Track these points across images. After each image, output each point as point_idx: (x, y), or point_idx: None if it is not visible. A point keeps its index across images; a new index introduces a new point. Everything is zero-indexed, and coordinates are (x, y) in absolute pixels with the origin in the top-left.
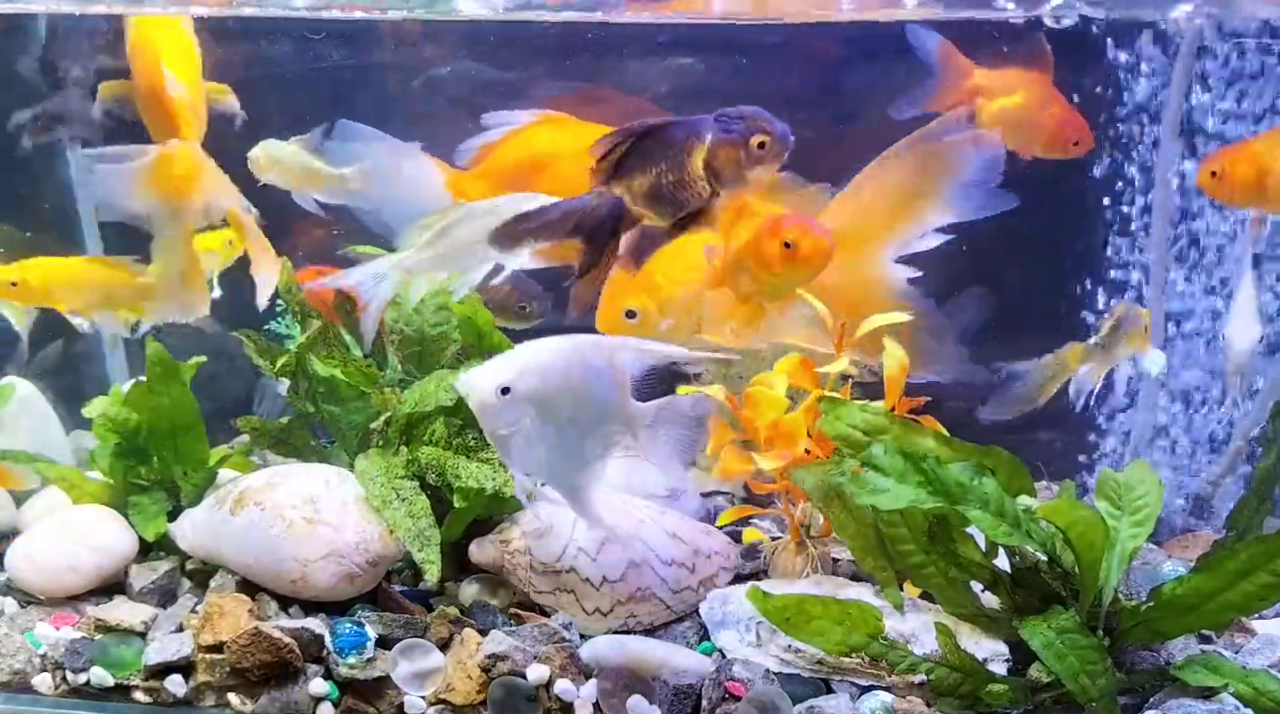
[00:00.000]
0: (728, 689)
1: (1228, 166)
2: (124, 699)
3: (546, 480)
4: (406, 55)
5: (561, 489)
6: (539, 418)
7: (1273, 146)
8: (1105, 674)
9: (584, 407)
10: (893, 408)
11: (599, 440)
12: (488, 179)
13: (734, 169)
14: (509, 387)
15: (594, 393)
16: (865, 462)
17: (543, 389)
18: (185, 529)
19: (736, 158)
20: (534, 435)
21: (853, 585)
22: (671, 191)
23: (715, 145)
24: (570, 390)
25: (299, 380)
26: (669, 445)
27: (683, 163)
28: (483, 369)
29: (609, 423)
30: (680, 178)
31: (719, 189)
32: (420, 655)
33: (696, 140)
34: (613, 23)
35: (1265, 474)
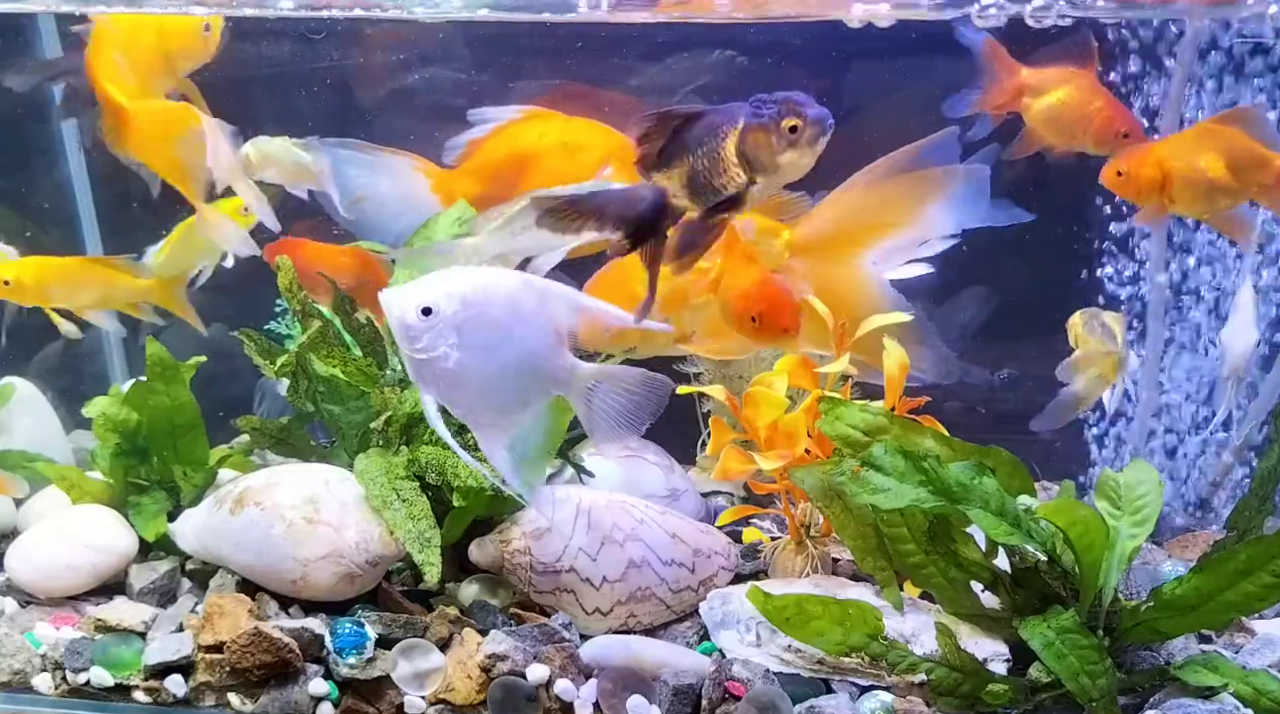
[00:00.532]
0: (728, 689)
1: (1133, 167)
2: (124, 699)
3: (463, 417)
4: (396, 55)
5: (478, 431)
6: (459, 348)
7: (1177, 150)
8: (1105, 674)
9: (510, 347)
10: (893, 408)
11: (524, 388)
12: (475, 176)
13: (767, 154)
14: (430, 307)
15: (522, 335)
16: (865, 461)
17: (466, 317)
18: (185, 529)
19: (769, 143)
20: (452, 366)
21: (853, 585)
22: (707, 179)
23: (746, 130)
24: (496, 326)
25: (299, 380)
26: (609, 415)
27: (717, 150)
28: (407, 286)
29: (538, 371)
30: (715, 165)
31: (754, 177)
32: (420, 655)
33: (730, 126)
34: (610, 23)
35: (1265, 474)
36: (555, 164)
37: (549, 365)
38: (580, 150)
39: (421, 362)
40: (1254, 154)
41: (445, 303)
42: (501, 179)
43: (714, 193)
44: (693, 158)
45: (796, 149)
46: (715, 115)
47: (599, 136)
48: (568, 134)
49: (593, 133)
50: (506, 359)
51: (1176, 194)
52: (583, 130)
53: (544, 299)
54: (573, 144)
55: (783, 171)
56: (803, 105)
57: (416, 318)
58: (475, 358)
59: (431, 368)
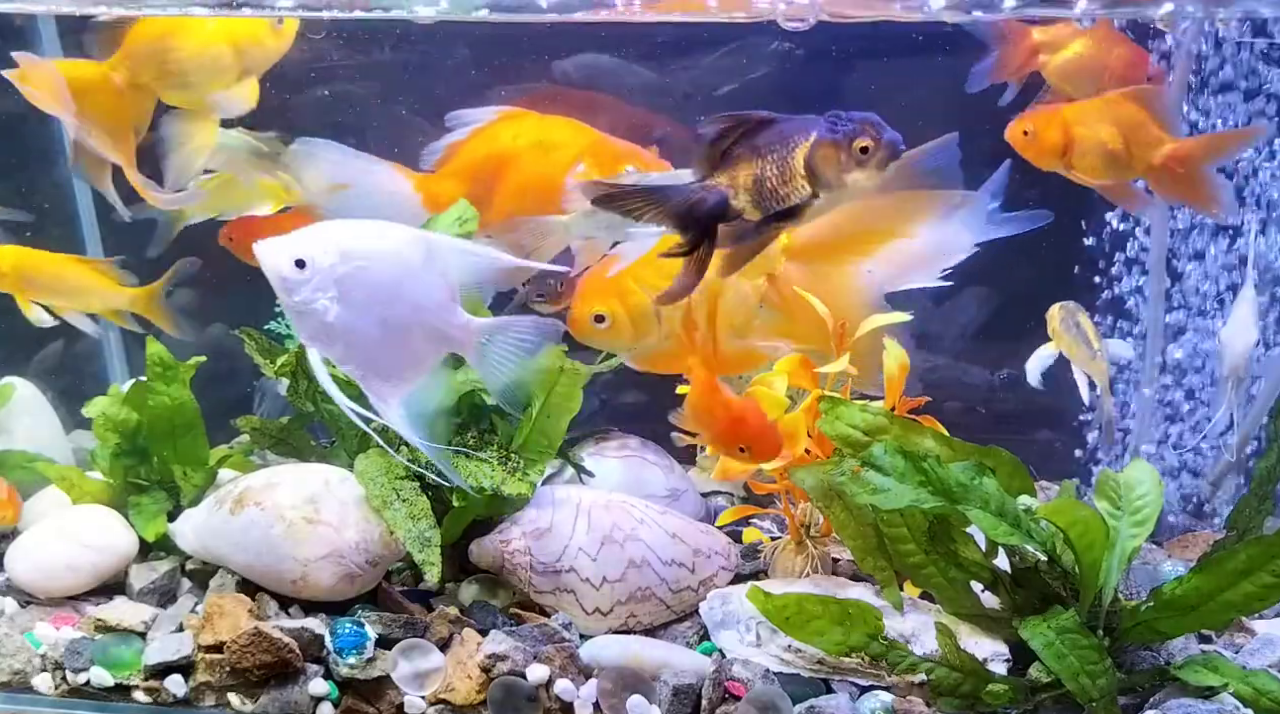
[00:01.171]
0: (728, 689)
1: (1039, 128)
2: (124, 699)
3: (351, 373)
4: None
5: (368, 387)
6: (339, 301)
7: (1082, 116)
8: (1105, 674)
9: (396, 303)
10: (893, 408)
11: (414, 344)
12: (456, 178)
13: (833, 170)
14: (304, 260)
15: (409, 290)
16: (865, 461)
17: (344, 270)
18: (185, 529)
19: (837, 159)
20: (333, 319)
21: (853, 585)
22: (772, 187)
23: (818, 144)
24: (377, 280)
25: (299, 380)
26: (506, 368)
27: (786, 159)
28: (284, 237)
29: (428, 327)
30: (782, 174)
31: (818, 190)
32: (420, 655)
33: (802, 137)
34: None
35: (1265, 474)
36: (531, 163)
37: (439, 321)
38: (554, 149)
39: (299, 314)
40: (1149, 133)
41: (321, 255)
42: (481, 180)
43: (775, 201)
44: (760, 163)
45: (864, 170)
46: (788, 125)
47: (573, 134)
48: (542, 133)
49: (566, 131)
50: (393, 314)
51: (1075, 160)
52: (557, 129)
53: (432, 253)
54: (547, 143)
55: (847, 189)
56: (878, 128)
57: (291, 269)
58: (357, 312)
59: (310, 321)
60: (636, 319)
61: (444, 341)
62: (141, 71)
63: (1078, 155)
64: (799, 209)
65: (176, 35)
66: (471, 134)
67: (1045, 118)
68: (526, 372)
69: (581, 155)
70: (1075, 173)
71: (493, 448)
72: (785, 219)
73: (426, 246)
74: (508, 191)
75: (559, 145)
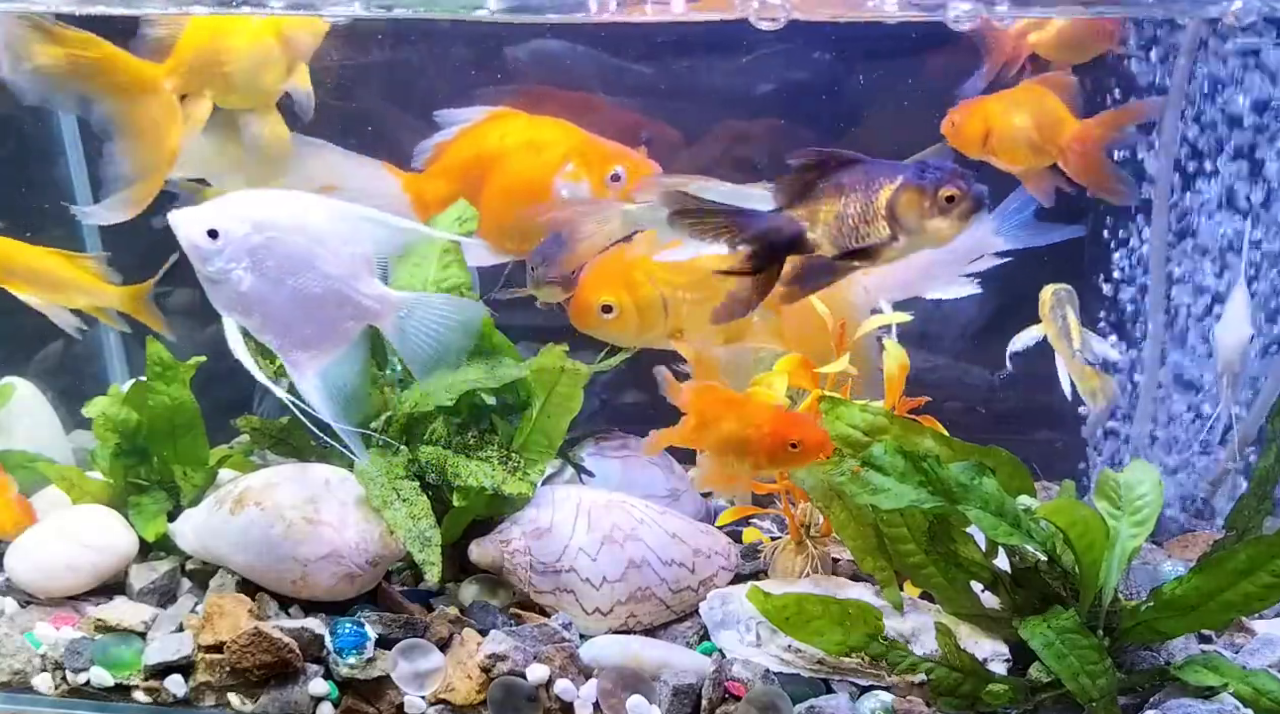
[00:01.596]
0: (728, 689)
1: (962, 120)
2: (124, 699)
3: (269, 343)
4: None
5: (286, 358)
6: (253, 272)
7: (999, 107)
8: (1105, 674)
9: (311, 274)
10: (893, 408)
11: (331, 316)
12: (444, 178)
13: (915, 216)
14: (217, 230)
15: (325, 261)
16: (865, 461)
17: (257, 241)
18: (185, 529)
19: (920, 206)
20: (247, 289)
21: (853, 585)
22: (852, 225)
23: (903, 188)
24: (290, 251)
25: None
26: (424, 342)
27: (869, 199)
28: (198, 207)
29: (345, 299)
30: (863, 213)
31: (897, 233)
32: (420, 655)
33: (888, 180)
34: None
35: (1265, 474)
36: (519, 163)
37: (355, 294)
38: (543, 149)
39: (214, 283)
40: (1057, 117)
41: (233, 226)
42: (469, 180)
43: (853, 239)
44: (843, 200)
45: (946, 219)
46: (875, 166)
47: (561, 135)
48: (531, 133)
49: (555, 131)
50: (308, 286)
51: (996, 147)
52: (545, 129)
53: (348, 225)
54: (536, 143)
55: (926, 237)
56: (965, 179)
57: (204, 239)
58: (271, 282)
59: (225, 290)
60: (644, 311)
61: (360, 313)
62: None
63: (996, 142)
64: (875, 250)
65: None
66: (460, 133)
67: (968, 110)
68: (445, 350)
69: (570, 155)
70: (998, 160)
71: (493, 447)
72: (859, 258)
73: (341, 217)
74: (496, 191)
75: (547, 145)
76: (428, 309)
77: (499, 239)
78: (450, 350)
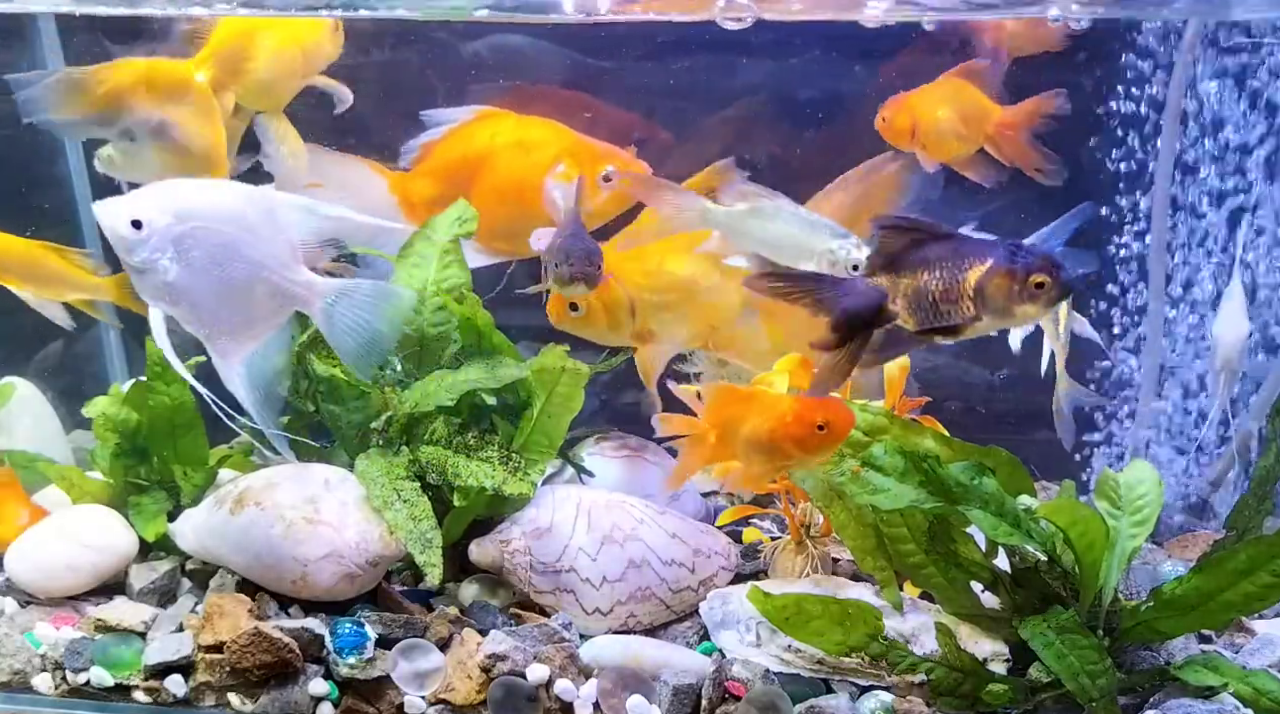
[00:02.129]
0: (728, 689)
1: (891, 115)
2: (124, 699)
3: (196, 332)
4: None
5: (212, 347)
6: (178, 261)
7: (924, 101)
8: (1105, 674)
9: (237, 262)
10: (893, 408)
11: (257, 304)
12: (431, 178)
13: (1003, 299)
14: (140, 220)
15: (250, 250)
16: (865, 461)
17: (180, 230)
18: (185, 529)
19: (1009, 289)
20: (173, 279)
21: (853, 585)
22: (934, 301)
23: (993, 270)
24: (215, 240)
25: (299, 380)
26: (352, 330)
27: (957, 277)
28: (122, 197)
29: (271, 287)
30: (949, 291)
31: (982, 314)
32: (420, 655)
33: (978, 260)
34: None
35: (1265, 474)
36: (508, 163)
37: (282, 281)
38: (533, 149)
39: (140, 273)
40: (980, 105)
41: (156, 216)
42: (457, 180)
43: (935, 315)
44: (928, 275)
45: (1035, 304)
46: (966, 244)
47: (551, 135)
48: (520, 133)
49: (545, 132)
50: (234, 274)
51: (924, 139)
52: (535, 129)
53: (274, 213)
54: (526, 143)
55: (1013, 320)
56: (1057, 266)
57: (128, 230)
58: (197, 272)
59: (151, 280)
60: (610, 311)
61: (288, 300)
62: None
63: (924, 134)
64: (958, 328)
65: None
66: (449, 133)
67: (896, 106)
68: (373, 337)
69: (561, 156)
70: (927, 151)
71: (493, 447)
72: (944, 335)
73: (266, 205)
74: (485, 191)
75: (538, 145)
76: (355, 296)
77: (489, 239)
78: (378, 338)
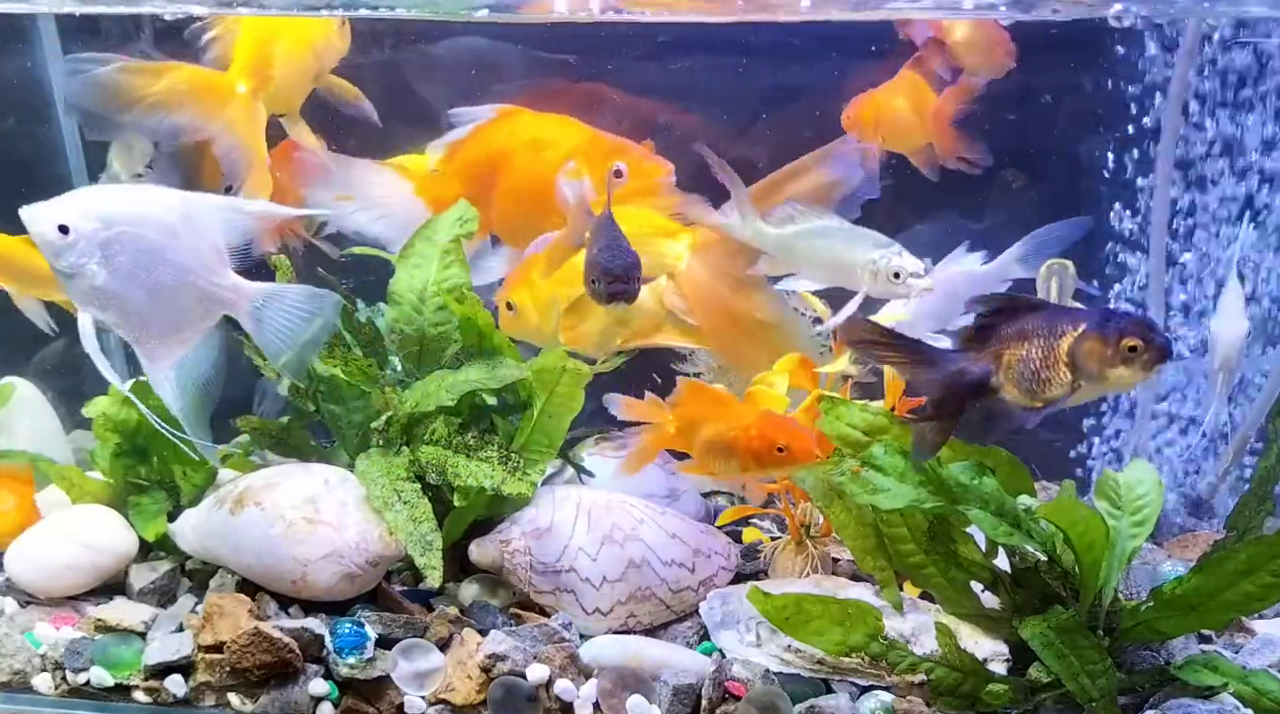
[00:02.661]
0: (728, 689)
1: (855, 110)
2: (124, 699)
3: (126, 335)
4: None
5: (141, 351)
6: (104, 266)
7: (884, 96)
8: (1105, 674)
9: (163, 267)
10: (893, 408)
11: (185, 308)
12: (457, 177)
13: (1095, 363)
14: (66, 226)
15: (176, 254)
16: (865, 461)
17: (106, 236)
18: (185, 529)
19: (1101, 354)
20: (101, 283)
21: (853, 585)
22: (1034, 370)
23: (1085, 336)
24: (146, 245)
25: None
26: (280, 333)
27: (1051, 346)
28: (49, 202)
29: (199, 291)
30: (1045, 359)
31: (1079, 380)
32: (420, 655)
33: (1070, 327)
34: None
35: (1265, 474)
36: (524, 162)
37: (209, 285)
38: (547, 147)
39: (68, 278)
40: (925, 98)
41: (83, 221)
42: (480, 179)
43: (1036, 384)
44: (1026, 346)
45: (1129, 368)
46: (1058, 312)
47: (566, 132)
48: (535, 131)
49: (561, 129)
50: (160, 279)
51: (884, 131)
52: (551, 127)
53: (200, 217)
54: (540, 141)
55: (1109, 384)
56: (1150, 329)
57: (55, 235)
58: (124, 277)
59: (78, 285)
60: (541, 310)
61: (216, 303)
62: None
63: (884, 127)
64: (1058, 398)
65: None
66: (472, 132)
67: (860, 102)
68: (299, 341)
69: (574, 153)
70: (888, 143)
71: (493, 448)
72: (1047, 406)
73: (190, 209)
74: (504, 190)
75: (551, 143)
76: (283, 300)
77: (513, 239)
78: (304, 342)
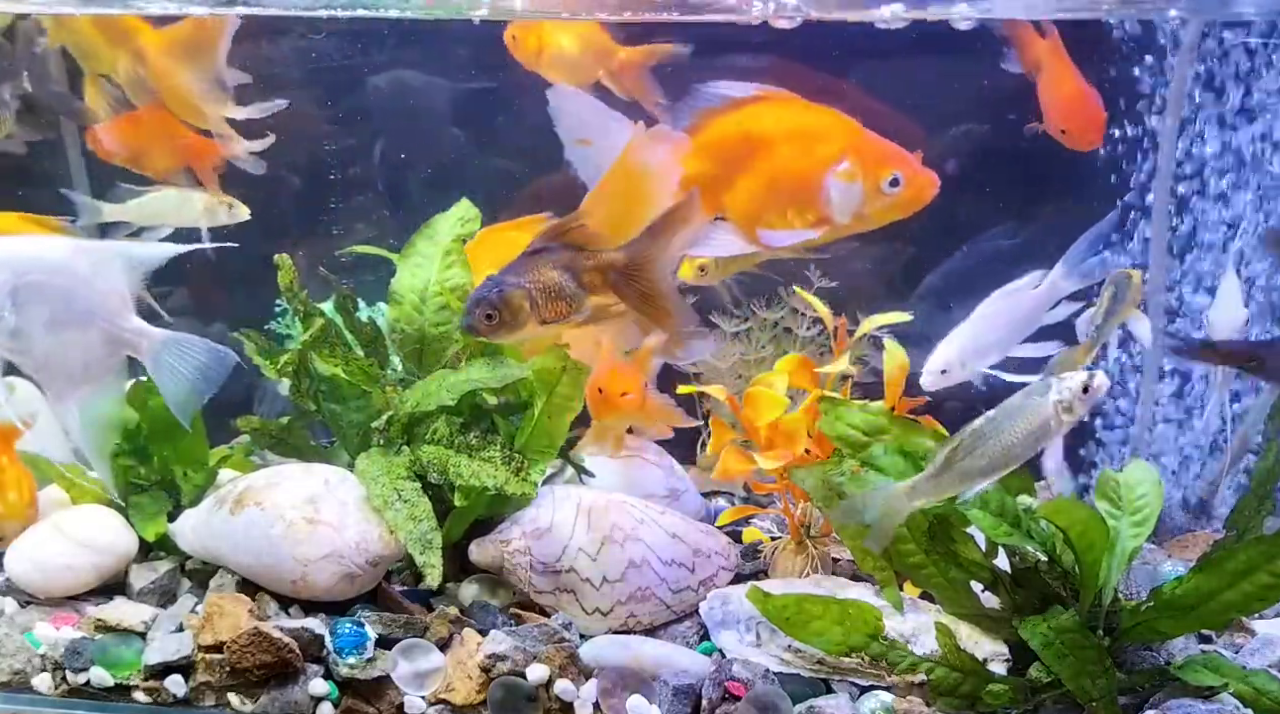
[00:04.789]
0: (728, 689)
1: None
2: (124, 699)
3: (34, 375)
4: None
5: (48, 390)
6: (16, 314)
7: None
8: (1105, 674)
9: (69, 312)
10: (893, 408)
11: (91, 349)
12: (704, 154)
13: None
14: None
15: (82, 300)
16: (865, 461)
17: (15, 284)
18: (185, 529)
19: None
20: (11, 328)
21: (853, 585)
22: None
23: None
24: (52, 292)
25: (300, 379)
26: (176, 379)
27: None
28: None
29: (104, 334)
30: None
31: None
32: (420, 655)
33: None
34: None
35: (1265, 474)
36: (790, 152)
37: (114, 328)
38: (818, 141)
39: None
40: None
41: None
42: (732, 160)
43: None
44: None
45: None
46: None
47: (838, 128)
48: (806, 121)
49: (831, 123)
50: (67, 323)
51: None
52: (822, 118)
53: (102, 264)
54: (811, 133)
55: None
56: None
57: None
58: (33, 322)
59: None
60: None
61: (120, 345)
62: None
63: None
64: None
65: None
66: (727, 107)
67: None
68: (190, 388)
69: (846, 151)
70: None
71: (494, 447)
72: None
73: (94, 257)
74: (759, 177)
75: (823, 138)
76: (184, 348)
77: (747, 223)
78: (193, 390)
